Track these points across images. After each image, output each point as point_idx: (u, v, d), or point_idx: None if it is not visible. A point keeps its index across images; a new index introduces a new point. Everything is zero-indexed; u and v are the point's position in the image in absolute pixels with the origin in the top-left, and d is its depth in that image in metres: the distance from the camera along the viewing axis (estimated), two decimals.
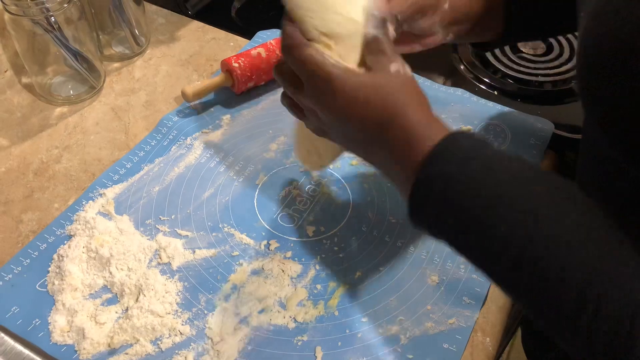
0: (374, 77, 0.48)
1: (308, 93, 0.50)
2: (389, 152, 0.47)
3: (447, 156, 0.43)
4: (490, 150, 0.44)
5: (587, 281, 0.37)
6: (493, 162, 0.43)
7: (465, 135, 0.45)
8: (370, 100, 0.47)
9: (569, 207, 0.40)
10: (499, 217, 0.41)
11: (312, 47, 0.49)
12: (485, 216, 0.41)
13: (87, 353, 0.55)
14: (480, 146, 0.44)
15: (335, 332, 0.57)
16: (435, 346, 0.56)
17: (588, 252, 0.38)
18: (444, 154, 0.44)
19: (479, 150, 0.44)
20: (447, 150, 0.44)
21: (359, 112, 0.48)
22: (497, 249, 0.41)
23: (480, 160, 0.43)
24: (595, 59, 0.42)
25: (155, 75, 0.86)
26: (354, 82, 0.48)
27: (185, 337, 0.56)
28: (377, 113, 0.47)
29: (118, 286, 0.60)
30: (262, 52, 0.81)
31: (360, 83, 0.48)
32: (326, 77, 0.48)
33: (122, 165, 0.72)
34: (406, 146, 0.46)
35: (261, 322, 0.58)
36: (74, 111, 0.80)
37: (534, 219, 0.40)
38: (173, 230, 0.65)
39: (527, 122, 0.77)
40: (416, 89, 0.49)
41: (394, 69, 0.49)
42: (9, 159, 0.74)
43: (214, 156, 0.73)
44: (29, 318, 0.57)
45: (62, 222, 0.66)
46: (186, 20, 0.96)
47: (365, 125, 0.48)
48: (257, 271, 0.61)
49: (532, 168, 0.43)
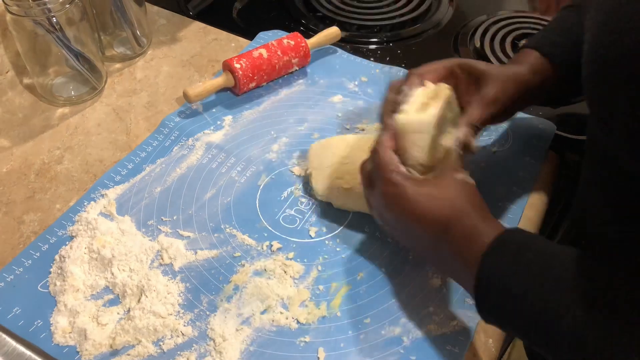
0: (440, 181, 0.54)
1: (375, 193, 0.56)
2: (451, 249, 0.51)
3: (504, 250, 0.49)
4: (541, 241, 0.50)
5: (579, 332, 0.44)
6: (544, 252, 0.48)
7: (518, 230, 0.51)
8: (434, 202, 0.52)
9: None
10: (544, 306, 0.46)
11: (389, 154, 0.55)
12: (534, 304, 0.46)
13: (89, 354, 0.55)
14: (533, 238, 0.50)
15: (338, 333, 0.57)
16: (438, 348, 0.56)
17: None
18: (501, 247, 0.49)
19: (531, 241, 0.49)
20: (504, 244, 0.49)
21: (423, 214, 0.52)
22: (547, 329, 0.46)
23: (532, 251, 0.48)
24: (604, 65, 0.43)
25: (156, 76, 0.86)
26: (419, 187, 0.53)
27: (187, 338, 0.56)
28: (442, 214, 0.52)
29: (120, 287, 0.59)
30: (263, 52, 0.81)
31: (424, 187, 0.53)
32: (391, 180, 0.53)
33: (123, 166, 0.72)
34: (468, 242, 0.50)
35: (263, 323, 0.57)
36: (75, 112, 0.80)
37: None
38: (175, 231, 0.65)
39: (529, 123, 0.77)
40: (476, 194, 0.54)
41: (459, 177, 0.54)
42: (11, 160, 0.74)
43: (215, 157, 0.73)
44: (31, 319, 0.57)
45: (63, 223, 0.66)
46: (188, 21, 0.96)
47: (428, 225, 0.52)
48: (259, 272, 0.61)
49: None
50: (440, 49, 0.92)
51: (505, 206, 0.68)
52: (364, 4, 1.02)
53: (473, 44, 0.91)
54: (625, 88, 0.41)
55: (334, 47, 0.89)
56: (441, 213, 0.52)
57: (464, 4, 1.02)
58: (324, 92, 0.82)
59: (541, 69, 0.63)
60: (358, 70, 0.86)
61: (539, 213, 0.69)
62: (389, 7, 1.01)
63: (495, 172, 0.71)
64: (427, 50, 0.93)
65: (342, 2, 1.03)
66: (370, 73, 0.85)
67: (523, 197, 0.69)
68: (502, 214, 0.67)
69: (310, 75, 0.85)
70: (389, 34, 0.96)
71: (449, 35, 0.95)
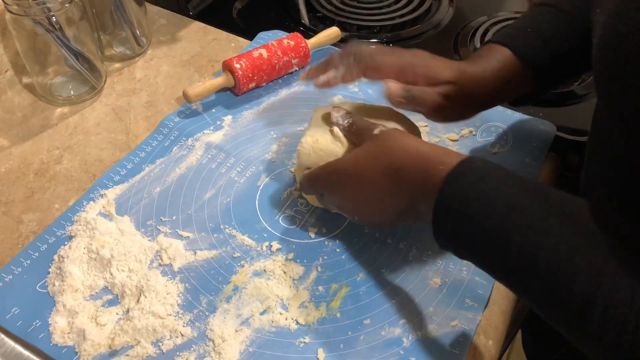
0: (365, 145, 0.55)
1: (326, 198, 0.59)
2: (409, 191, 0.51)
3: (462, 178, 0.47)
4: (502, 170, 0.47)
5: (595, 285, 0.40)
6: (505, 179, 0.46)
7: (477, 158, 0.49)
8: (373, 161, 0.53)
9: (576, 219, 0.43)
10: (513, 227, 0.44)
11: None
12: (501, 228, 0.44)
13: (88, 354, 0.55)
14: (493, 167, 0.48)
15: (338, 334, 0.57)
16: (438, 349, 0.56)
17: (595, 258, 0.41)
18: (459, 176, 0.47)
19: (492, 170, 0.47)
20: (462, 172, 0.47)
21: (368, 176, 0.53)
22: (513, 257, 0.44)
23: (494, 178, 0.46)
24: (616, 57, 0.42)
25: (156, 76, 0.86)
26: (349, 158, 0.55)
27: (187, 338, 0.56)
28: (385, 164, 0.52)
29: (119, 287, 0.59)
30: (263, 53, 0.81)
31: (355, 155, 0.55)
32: (326, 170, 0.56)
33: (123, 166, 0.72)
34: (424, 175, 0.49)
35: (263, 324, 0.57)
36: (74, 111, 0.80)
37: (545, 228, 0.42)
38: (174, 231, 0.65)
39: (529, 124, 0.77)
40: (405, 133, 0.55)
41: (377, 131, 0.55)
42: (10, 159, 0.74)
43: (215, 157, 0.73)
44: (29, 319, 0.57)
45: (62, 223, 0.65)
46: (187, 21, 0.95)
47: (379, 182, 0.53)
48: (258, 273, 0.61)
49: (542, 184, 0.47)
50: (440, 49, 0.92)
51: None
52: (364, 4, 1.02)
53: (473, 44, 0.91)
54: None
55: (334, 47, 0.89)
56: (383, 165, 0.52)
57: (464, 4, 1.02)
58: (324, 93, 0.82)
59: (509, 67, 0.61)
60: None
61: None
62: (389, 7, 1.01)
63: None
64: (427, 50, 0.92)
65: (342, 3, 1.03)
66: None
67: None
68: None
69: None
70: (389, 35, 0.96)
71: (449, 36, 0.95)
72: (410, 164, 0.51)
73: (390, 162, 0.52)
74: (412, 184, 0.51)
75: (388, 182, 0.52)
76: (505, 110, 0.79)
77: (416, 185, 0.50)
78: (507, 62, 0.61)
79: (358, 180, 0.54)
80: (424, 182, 0.49)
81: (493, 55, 0.62)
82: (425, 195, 0.49)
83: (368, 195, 0.55)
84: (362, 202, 0.56)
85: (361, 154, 0.55)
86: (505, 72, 0.61)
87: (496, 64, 0.61)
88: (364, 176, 0.54)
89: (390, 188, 0.52)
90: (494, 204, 0.45)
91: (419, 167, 0.50)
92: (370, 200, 0.55)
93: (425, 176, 0.49)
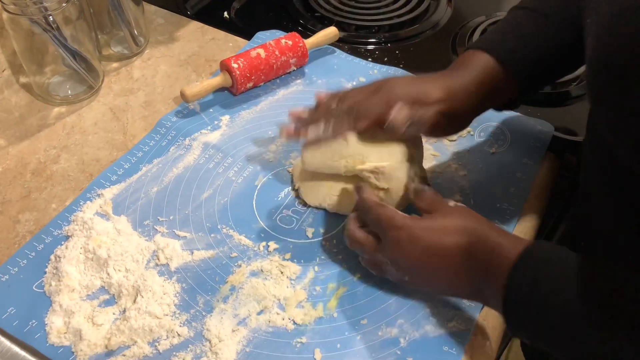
0: (442, 216, 0.55)
1: (386, 246, 0.55)
2: (476, 273, 0.52)
3: (531, 262, 0.48)
4: (565, 252, 0.49)
5: None
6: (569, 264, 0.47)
7: (542, 242, 0.52)
8: (450, 232, 0.53)
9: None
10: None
11: (384, 205, 0.57)
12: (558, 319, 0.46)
13: (84, 354, 0.55)
14: (558, 250, 0.49)
15: (335, 334, 0.57)
16: (435, 349, 0.56)
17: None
18: (527, 260, 0.48)
19: (557, 253, 0.48)
20: (530, 257, 0.49)
21: (440, 249, 0.53)
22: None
23: (560, 264, 0.48)
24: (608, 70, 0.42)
25: (154, 76, 0.86)
26: (426, 224, 0.54)
27: (183, 338, 0.56)
28: (461, 240, 0.52)
29: (115, 287, 0.59)
30: (261, 52, 0.80)
31: (431, 224, 0.54)
32: (400, 226, 0.54)
33: (120, 165, 0.72)
34: (494, 259, 0.50)
35: (260, 324, 0.57)
36: (72, 111, 0.80)
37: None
38: (171, 231, 0.65)
39: (527, 125, 0.77)
40: (476, 214, 0.55)
41: (452, 204, 0.56)
42: (7, 159, 0.73)
43: (212, 157, 0.73)
44: (26, 319, 0.57)
45: (59, 223, 0.65)
46: (185, 21, 0.95)
47: (448, 258, 0.53)
48: (255, 273, 0.61)
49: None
50: (438, 49, 0.92)
51: (503, 207, 0.67)
52: (362, 4, 1.02)
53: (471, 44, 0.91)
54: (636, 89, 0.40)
55: (332, 47, 0.89)
56: (460, 239, 0.52)
57: (462, 4, 1.02)
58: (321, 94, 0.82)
59: (492, 74, 0.61)
60: (356, 70, 0.85)
61: (537, 214, 0.68)
62: (387, 7, 1.01)
63: (493, 173, 0.71)
64: (425, 50, 0.92)
65: (341, 3, 1.02)
66: (369, 73, 0.85)
67: (521, 198, 0.68)
68: (500, 215, 0.67)
69: (308, 76, 0.85)
70: (387, 35, 0.95)
71: (447, 35, 0.94)
72: (481, 248, 0.52)
73: (464, 242, 0.52)
74: (481, 266, 0.51)
75: (459, 260, 0.53)
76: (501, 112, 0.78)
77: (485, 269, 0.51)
78: (490, 69, 0.61)
79: (427, 250, 0.54)
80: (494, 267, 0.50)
81: (476, 62, 0.62)
82: (494, 280, 0.50)
83: (436, 266, 0.54)
84: (425, 269, 0.55)
85: (438, 225, 0.54)
86: (489, 79, 0.61)
87: (480, 71, 0.61)
88: (436, 247, 0.53)
89: (460, 265, 0.53)
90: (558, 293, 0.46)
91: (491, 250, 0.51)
92: (435, 270, 0.54)
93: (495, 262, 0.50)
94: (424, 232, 0.54)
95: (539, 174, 0.72)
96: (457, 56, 0.90)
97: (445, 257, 0.53)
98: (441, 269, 0.54)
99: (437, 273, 0.54)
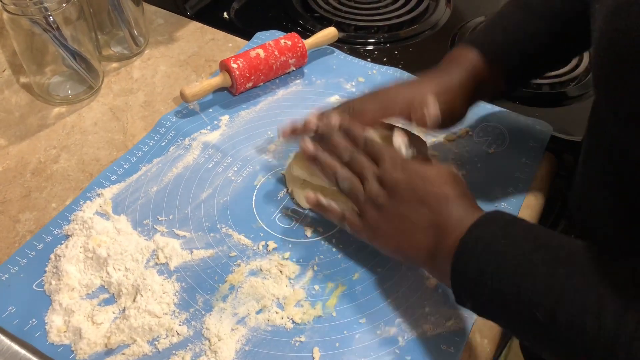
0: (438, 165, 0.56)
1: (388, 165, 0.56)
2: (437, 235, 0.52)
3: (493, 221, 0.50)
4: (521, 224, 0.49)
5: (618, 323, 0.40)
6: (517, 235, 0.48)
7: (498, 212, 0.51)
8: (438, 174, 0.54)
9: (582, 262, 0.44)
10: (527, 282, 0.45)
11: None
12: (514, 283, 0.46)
13: (84, 353, 0.55)
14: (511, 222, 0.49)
15: (333, 333, 0.57)
16: (433, 348, 0.56)
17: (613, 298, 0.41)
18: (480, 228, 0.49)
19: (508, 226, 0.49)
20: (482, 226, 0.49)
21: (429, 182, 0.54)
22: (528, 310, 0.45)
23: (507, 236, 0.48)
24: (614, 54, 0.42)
25: (153, 76, 0.86)
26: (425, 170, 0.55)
27: (183, 337, 0.56)
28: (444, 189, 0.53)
29: (115, 286, 0.59)
30: (260, 53, 0.81)
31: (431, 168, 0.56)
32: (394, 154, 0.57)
33: (120, 165, 0.72)
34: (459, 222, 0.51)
35: (259, 323, 0.57)
36: (72, 111, 0.80)
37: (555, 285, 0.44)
38: (171, 230, 0.65)
39: (525, 124, 0.77)
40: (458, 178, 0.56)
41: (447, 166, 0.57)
42: (7, 159, 0.74)
43: (212, 157, 0.73)
44: (26, 318, 0.57)
45: (59, 222, 0.65)
46: (185, 21, 0.96)
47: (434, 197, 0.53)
48: (255, 272, 0.61)
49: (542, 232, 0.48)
50: (438, 49, 0.92)
51: (501, 207, 0.68)
52: (362, 4, 1.02)
53: None
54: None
55: (331, 47, 0.90)
56: (444, 188, 0.53)
57: (461, 5, 1.02)
58: (321, 93, 0.82)
59: (480, 70, 0.63)
60: (355, 70, 0.86)
61: (535, 214, 0.69)
62: (387, 8, 1.02)
63: (492, 173, 0.71)
64: (424, 51, 0.93)
65: (340, 3, 1.03)
66: (368, 74, 0.85)
67: (519, 197, 0.69)
68: None
69: (307, 76, 0.85)
70: (387, 35, 0.96)
71: (446, 36, 0.95)
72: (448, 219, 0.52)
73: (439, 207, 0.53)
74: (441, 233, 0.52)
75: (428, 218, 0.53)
76: (501, 110, 0.79)
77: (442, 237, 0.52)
78: (477, 64, 0.63)
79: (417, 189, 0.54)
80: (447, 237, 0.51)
81: (463, 58, 0.64)
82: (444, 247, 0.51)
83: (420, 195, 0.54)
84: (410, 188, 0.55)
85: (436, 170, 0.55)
86: (476, 74, 0.63)
87: (468, 66, 0.63)
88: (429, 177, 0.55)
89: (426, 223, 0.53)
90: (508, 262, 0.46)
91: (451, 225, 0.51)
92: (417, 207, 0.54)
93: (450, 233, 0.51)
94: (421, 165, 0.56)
95: (537, 173, 0.72)
96: None
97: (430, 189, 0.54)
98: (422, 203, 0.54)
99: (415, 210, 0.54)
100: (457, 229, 0.50)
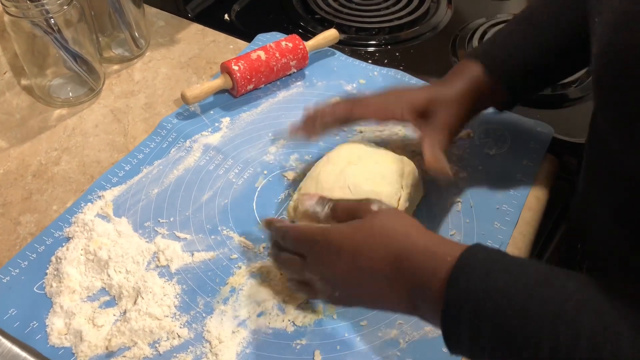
0: (365, 221, 0.49)
1: (311, 262, 0.51)
2: (411, 281, 0.46)
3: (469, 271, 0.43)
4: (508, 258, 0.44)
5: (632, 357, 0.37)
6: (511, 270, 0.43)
7: (480, 247, 0.45)
8: (372, 239, 0.48)
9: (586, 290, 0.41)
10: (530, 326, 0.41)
11: (297, 225, 0.53)
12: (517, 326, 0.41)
13: (85, 356, 0.55)
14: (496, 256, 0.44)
15: (334, 335, 0.57)
16: (434, 350, 0.56)
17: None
18: (465, 269, 0.43)
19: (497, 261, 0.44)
20: (467, 266, 0.44)
21: (366, 255, 0.48)
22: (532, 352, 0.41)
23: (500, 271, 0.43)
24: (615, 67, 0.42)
25: (154, 78, 0.86)
26: (348, 228, 0.49)
27: (184, 340, 0.56)
28: (385, 246, 0.47)
29: (116, 289, 0.59)
30: (261, 54, 0.81)
31: (354, 227, 0.49)
32: (319, 237, 0.50)
33: (121, 167, 0.72)
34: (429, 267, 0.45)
35: (260, 326, 0.57)
36: (73, 113, 0.80)
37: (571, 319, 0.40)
38: (172, 232, 0.65)
39: (527, 126, 0.77)
40: (404, 215, 0.51)
41: (375, 207, 0.50)
42: (8, 161, 0.74)
43: (213, 159, 0.73)
44: (27, 320, 0.57)
45: (60, 225, 0.65)
46: (186, 23, 0.96)
47: (377, 264, 0.47)
48: (255, 274, 0.61)
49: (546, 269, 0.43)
50: (439, 51, 0.92)
51: (503, 209, 0.68)
52: (363, 6, 1.02)
53: (471, 46, 0.91)
54: None
55: (332, 49, 0.89)
56: (384, 248, 0.48)
57: (462, 6, 1.02)
58: (322, 95, 0.82)
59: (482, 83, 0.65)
60: (356, 72, 0.86)
61: (537, 216, 0.68)
62: (388, 9, 1.01)
63: (493, 175, 0.71)
64: (425, 52, 0.93)
65: (341, 5, 1.03)
66: (369, 75, 0.85)
67: (520, 199, 0.69)
68: (500, 217, 0.67)
69: (308, 78, 0.85)
70: (387, 37, 0.96)
71: (447, 38, 0.95)
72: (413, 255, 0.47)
73: (392, 247, 0.47)
74: (414, 277, 0.46)
75: (388, 268, 0.47)
76: (503, 112, 0.78)
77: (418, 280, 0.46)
78: (480, 78, 0.65)
79: (352, 258, 0.49)
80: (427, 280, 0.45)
81: (468, 72, 0.65)
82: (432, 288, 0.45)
83: (364, 276, 0.49)
84: (354, 280, 0.50)
85: (360, 230, 0.49)
86: (479, 87, 0.65)
87: (471, 80, 0.65)
88: (361, 254, 0.48)
89: (390, 274, 0.47)
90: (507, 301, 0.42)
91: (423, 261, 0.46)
92: (363, 281, 0.49)
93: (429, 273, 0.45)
94: (344, 238, 0.49)
95: (538, 175, 0.72)
96: (457, 58, 0.90)
97: (372, 263, 0.48)
98: (372, 277, 0.48)
99: (368, 284, 0.49)
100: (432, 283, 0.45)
